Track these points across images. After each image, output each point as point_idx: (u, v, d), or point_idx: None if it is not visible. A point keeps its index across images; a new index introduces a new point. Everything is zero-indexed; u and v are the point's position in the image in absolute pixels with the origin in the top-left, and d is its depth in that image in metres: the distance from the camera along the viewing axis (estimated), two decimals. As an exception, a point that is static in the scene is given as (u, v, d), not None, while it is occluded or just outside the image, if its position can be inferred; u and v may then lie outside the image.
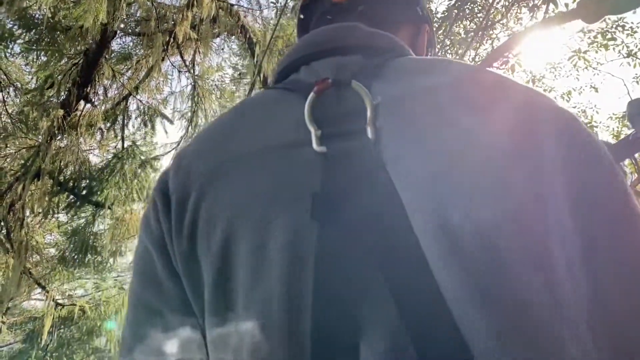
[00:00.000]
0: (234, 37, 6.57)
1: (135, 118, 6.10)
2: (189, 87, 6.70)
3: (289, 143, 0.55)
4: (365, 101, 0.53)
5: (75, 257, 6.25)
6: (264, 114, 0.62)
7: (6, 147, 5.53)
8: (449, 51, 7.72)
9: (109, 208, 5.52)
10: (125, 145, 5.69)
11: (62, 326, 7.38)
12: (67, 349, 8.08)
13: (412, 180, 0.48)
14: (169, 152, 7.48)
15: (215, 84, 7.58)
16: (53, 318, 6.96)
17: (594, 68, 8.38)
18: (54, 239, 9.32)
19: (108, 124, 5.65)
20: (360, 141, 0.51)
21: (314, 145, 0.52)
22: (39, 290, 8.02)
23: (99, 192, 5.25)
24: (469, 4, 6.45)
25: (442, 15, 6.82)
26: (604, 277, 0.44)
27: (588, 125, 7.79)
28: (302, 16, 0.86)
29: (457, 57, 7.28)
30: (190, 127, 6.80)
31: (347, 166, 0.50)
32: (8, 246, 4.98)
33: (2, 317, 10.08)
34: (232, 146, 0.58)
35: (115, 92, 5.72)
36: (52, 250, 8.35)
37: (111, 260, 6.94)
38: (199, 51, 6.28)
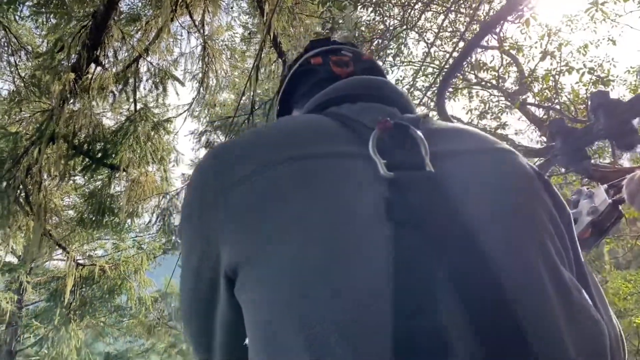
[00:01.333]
0: (242, -5, 6.47)
1: (147, 80, 6.09)
2: (199, 48, 6.65)
3: (344, 154, 0.67)
4: (420, 143, 0.67)
5: (93, 218, 6.38)
6: (320, 130, 0.73)
7: (20, 111, 5.59)
8: (462, 5, 7.54)
9: (124, 170, 5.60)
10: (138, 108, 5.71)
11: (84, 285, 7.58)
12: (90, 306, 8.31)
13: (485, 206, 0.63)
14: (181, 114, 7.49)
15: (226, 44, 7.52)
16: (74, 278, 7.17)
17: (612, 20, 8.13)
18: (72, 202, 9.50)
19: (119, 87, 5.65)
20: (421, 172, 0.64)
21: (381, 171, 0.62)
22: (60, 251, 8.23)
23: (113, 155, 5.31)
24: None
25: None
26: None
27: (605, 79, 7.62)
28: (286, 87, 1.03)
29: (471, 11, 7.10)
30: (201, 88, 6.79)
31: (414, 188, 0.61)
32: (28, 209, 5.09)
33: (27, 277, 10.40)
34: (294, 147, 0.68)
35: (126, 54, 5.69)
36: (71, 213, 8.53)
37: (128, 221, 7.08)
38: (208, 10, 6.21)
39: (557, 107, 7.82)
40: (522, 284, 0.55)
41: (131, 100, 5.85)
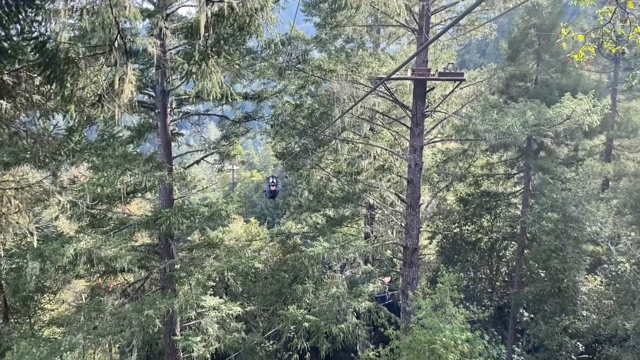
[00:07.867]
0: None
1: None
2: None
3: None
4: None
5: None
6: None
7: None
8: None
9: None
10: None
11: (216, 23, 7.89)
12: (224, 44, 8.75)
13: None
14: None
15: None
16: (206, 15, 7.46)
17: None
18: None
19: None
20: None
21: None
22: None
23: None
24: None
25: None
26: None
27: None
28: None
29: None
30: None
31: None
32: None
33: (165, 23, 11.07)
34: None
35: None
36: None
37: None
38: None
39: None
40: None
41: None
